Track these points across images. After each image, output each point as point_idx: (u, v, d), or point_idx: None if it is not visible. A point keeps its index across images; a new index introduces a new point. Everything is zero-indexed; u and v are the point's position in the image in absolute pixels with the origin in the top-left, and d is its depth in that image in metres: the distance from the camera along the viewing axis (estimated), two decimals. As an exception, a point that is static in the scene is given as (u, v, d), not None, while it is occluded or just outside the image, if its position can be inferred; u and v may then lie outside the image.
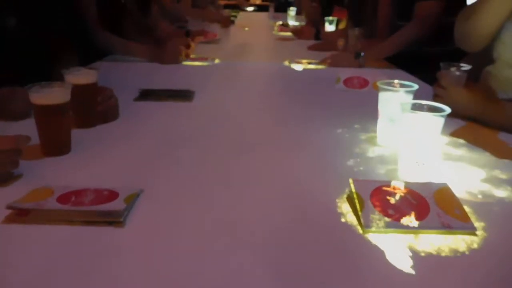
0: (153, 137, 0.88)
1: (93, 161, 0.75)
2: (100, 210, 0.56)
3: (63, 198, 0.57)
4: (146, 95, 1.13)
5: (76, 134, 0.80)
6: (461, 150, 0.84)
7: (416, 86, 0.83)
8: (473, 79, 1.11)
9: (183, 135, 0.90)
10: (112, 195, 0.59)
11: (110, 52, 1.58)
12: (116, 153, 0.79)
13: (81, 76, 0.84)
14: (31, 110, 0.76)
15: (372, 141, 0.88)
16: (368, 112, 0.90)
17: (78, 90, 0.78)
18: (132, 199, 0.59)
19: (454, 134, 0.91)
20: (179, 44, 1.61)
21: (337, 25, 2.48)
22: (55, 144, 0.75)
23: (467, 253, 0.52)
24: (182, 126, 0.96)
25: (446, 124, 0.69)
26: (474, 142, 0.88)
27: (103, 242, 0.52)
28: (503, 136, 0.92)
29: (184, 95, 1.15)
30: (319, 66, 1.63)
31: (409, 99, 0.81)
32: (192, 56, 1.67)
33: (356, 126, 0.96)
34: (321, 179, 0.72)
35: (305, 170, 0.76)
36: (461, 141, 0.89)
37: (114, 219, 0.55)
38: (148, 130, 0.92)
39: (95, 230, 0.54)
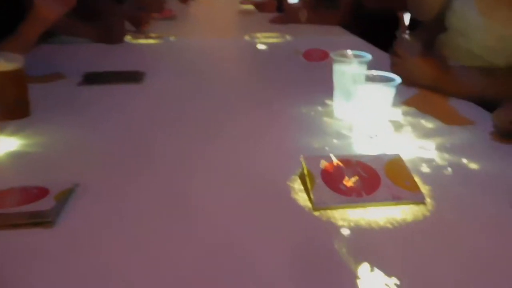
0: (96, 125, 0.82)
1: (24, 156, 0.69)
2: (26, 211, 0.50)
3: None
4: (91, 79, 1.06)
5: (4, 126, 0.73)
6: (413, 119, 0.84)
7: (369, 56, 0.80)
8: (429, 48, 1.11)
9: (129, 121, 0.85)
10: (42, 192, 0.54)
11: (52, 32, 1.47)
12: (52, 145, 0.73)
13: (3, 61, 0.75)
14: None
15: (329, 114, 0.86)
16: (328, 85, 0.88)
17: (1, 78, 0.70)
18: (64, 196, 0.55)
19: (406, 103, 0.91)
20: (125, 20, 1.51)
21: None
22: None
23: (416, 223, 0.52)
24: (128, 111, 0.90)
25: (399, 93, 0.68)
26: (426, 110, 0.88)
27: (31, 246, 0.48)
28: (453, 102, 0.93)
29: (132, 77, 1.08)
30: (278, 40, 1.58)
31: (362, 70, 0.79)
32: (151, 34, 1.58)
33: (314, 100, 0.94)
34: (275, 157, 0.70)
35: (260, 148, 0.73)
36: (413, 110, 0.88)
37: (41, 220, 0.50)
38: (90, 118, 0.86)
39: (21, 233, 0.49)
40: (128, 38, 1.54)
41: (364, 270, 0.44)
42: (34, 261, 0.46)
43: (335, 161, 0.60)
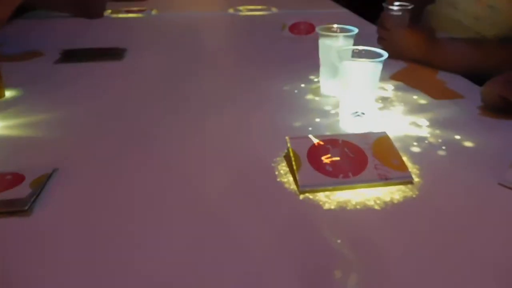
0: (75, 106, 0.79)
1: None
2: (0, 200, 0.48)
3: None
4: (69, 56, 1.01)
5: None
6: (401, 94, 0.83)
7: (356, 30, 0.78)
8: (415, 19, 1.09)
9: (110, 101, 0.82)
10: (17, 179, 0.52)
11: (28, 7, 1.40)
12: (28, 128, 0.70)
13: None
14: None
15: (316, 91, 0.84)
16: (314, 60, 0.85)
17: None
18: (41, 182, 0.52)
19: (394, 77, 0.90)
20: None
21: None
22: None
23: (404, 203, 0.51)
24: (109, 90, 0.87)
25: (387, 67, 0.66)
26: (413, 84, 0.86)
27: (6, 236, 0.46)
28: (442, 75, 0.91)
29: (113, 54, 1.03)
30: (264, 12, 1.53)
31: (349, 44, 0.76)
32: (126, 8, 1.52)
33: (300, 76, 0.91)
34: (260, 136, 0.68)
35: (244, 127, 0.71)
36: (401, 84, 0.87)
37: (17, 208, 0.48)
38: (69, 98, 0.82)
39: (-4, 222, 0.47)
40: (108, 12, 1.47)
41: (351, 253, 0.43)
42: (10, 251, 0.44)
43: (321, 141, 0.59)
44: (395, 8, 1.03)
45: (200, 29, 1.39)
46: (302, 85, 0.87)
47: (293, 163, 0.56)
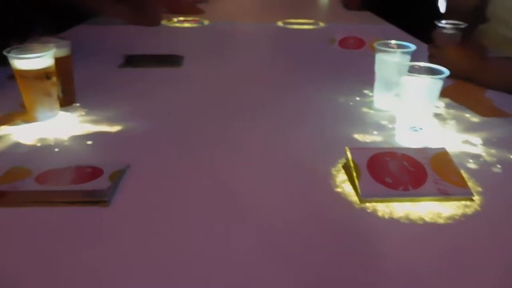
0: (140, 107, 0.84)
1: (75, 137, 0.71)
2: (83, 190, 0.53)
3: (42, 178, 0.54)
4: (132, 61, 1.07)
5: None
6: (451, 111, 0.83)
7: (413, 47, 0.79)
8: (466, 38, 1.08)
9: (171, 104, 0.86)
10: (96, 172, 0.56)
11: (87, 13, 1.49)
12: (100, 126, 0.76)
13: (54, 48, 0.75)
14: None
15: (369, 105, 0.85)
16: (365, 75, 0.87)
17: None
18: (117, 176, 0.57)
19: (441, 93, 0.89)
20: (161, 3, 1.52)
21: None
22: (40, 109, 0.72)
23: (464, 219, 0.51)
24: (170, 94, 0.92)
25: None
26: (461, 101, 0.86)
27: (88, 223, 0.50)
28: (489, 93, 0.91)
29: (172, 61, 1.09)
30: (312, 26, 1.56)
31: (406, 60, 0.77)
32: (180, 18, 1.59)
33: (352, 89, 0.93)
34: (317, 147, 0.70)
35: (300, 138, 0.73)
36: (449, 101, 0.87)
37: (98, 199, 0.52)
38: (134, 100, 0.88)
39: (77, 210, 0.52)
40: (164, 21, 1.55)
41: (409, 265, 0.44)
42: (90, 237, 0.48)
43: (380, 153, 0.60)
44: (447, 26, 1.04)
45: (251, 40, 1.44)
46: (356, 98, 0.89)
47: (353, 173, 0.57)
